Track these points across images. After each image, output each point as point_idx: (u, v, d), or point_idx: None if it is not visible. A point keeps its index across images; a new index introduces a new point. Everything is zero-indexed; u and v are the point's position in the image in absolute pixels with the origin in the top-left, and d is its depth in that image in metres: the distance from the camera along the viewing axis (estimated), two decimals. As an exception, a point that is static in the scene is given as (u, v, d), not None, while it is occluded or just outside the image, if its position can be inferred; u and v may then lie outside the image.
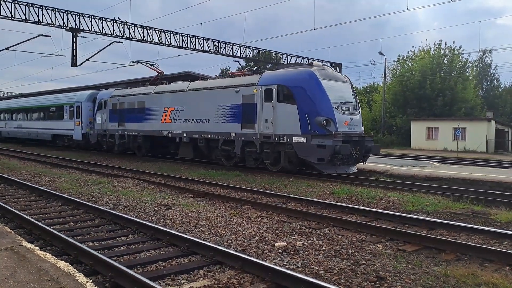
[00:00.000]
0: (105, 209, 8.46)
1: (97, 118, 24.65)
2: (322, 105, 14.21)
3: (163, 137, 19.91)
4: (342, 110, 14.57)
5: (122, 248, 6.21)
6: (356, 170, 14.91)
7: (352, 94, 15.84)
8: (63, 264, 4.64)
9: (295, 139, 14.38)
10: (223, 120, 16.84)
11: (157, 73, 23.06)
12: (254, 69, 17.74)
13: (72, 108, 27.13)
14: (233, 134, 16.38)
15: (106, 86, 30.78)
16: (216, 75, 23.76)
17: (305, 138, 14.11)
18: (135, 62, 23.34)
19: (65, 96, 29.83)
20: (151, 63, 23.21)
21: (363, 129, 15.79)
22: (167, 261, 5.60)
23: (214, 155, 17.88)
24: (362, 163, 15.26)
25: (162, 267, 5.39)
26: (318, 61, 30.57)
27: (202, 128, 17.70)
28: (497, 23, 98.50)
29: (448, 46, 47.56)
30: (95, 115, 24.86)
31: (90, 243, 6.34)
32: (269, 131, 15.10)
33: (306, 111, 14.23)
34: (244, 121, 16.02)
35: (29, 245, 5.38)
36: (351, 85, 16.26)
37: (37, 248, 5.36)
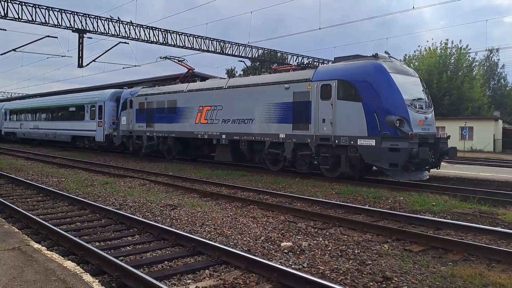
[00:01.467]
0: (111, 209, 8.50)
1: (121, 119, 23.08)
2: (394, 102, 12.54)
3: (197, 138, 18.47)
4: (416, 108, 12.88)
5: (128, 248, 6.23)
6: (428, 177, 13.15)
7: (423, 90, 14.12)
8: (69, 264, 4.67)
9: (360, 142, 12.68)
10: (270, 120, 15.24)
11: (187, 70, 21.74)
12: (305, 63, 16.82)
13: (94, 108, 25.63)
14: (282, 135, 14.78)
15: (129, 84, 29.72)
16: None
17: (374, 141, 12.39)
18: (163, 57, 21.94)
19: (86, 96, 28.24)
20: (180, 58, 21.86)
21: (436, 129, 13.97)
22: (173, 261, 5.62)
23: (258, 159, 16.40)
24: (436, 169, 13.40)
25: (168, 267, 5.40)
26: (323, 61, 30.08)
27: (244, 129, 16.09)
28: (505, 21, 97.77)
29: (455, 45, 47.33)
30: (120, 115, 23.30)
31: (97, 243, 6.37)
32: (327, 133, 13.45)
33: (374, 110, 12.53)
34: (296, 121, 14.39)
35: (36, 245, 5.42)
36: (421, 80, 14.58)
37: (44, 248, 5.39)
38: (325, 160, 13.75)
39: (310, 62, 17.15)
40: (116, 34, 25.88)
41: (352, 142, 12.92)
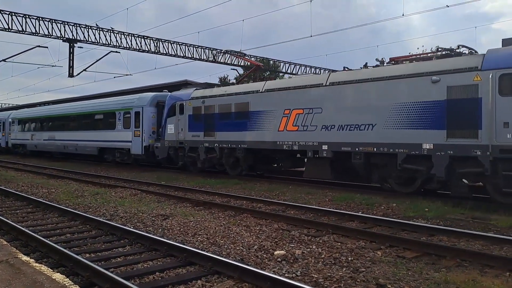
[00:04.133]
0: (102, 220, 8.41)
1: (167, 127, 19.26)
2: None
3: (280, 150, 14.91)
4: None
5: (119, 259, 6.15)
6: None
7: None
8: (58, 276, 4.58)
9: None
10: (405, 126, 11.57)
11: (255, 66, 18.76)
12: (457, 48, 12.02)
13: (129, 115, 21.73)
14: (428, 146, 11.11)
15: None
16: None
17: None
18: (221, 52, 19.41)
19: (117, 101, 23.92)
20: (240, 53, 19.26)
21: None
22: (165, 271, 5.54)
23: (379, 177, 12.63)
24: None
25: (160, 278, 5.33)
26: (315, 68, 29.88)
27: (360, 137, 12.35)
28: (493, 27, 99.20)
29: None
30: (165, 123, 19.42)
31: (87, 255, 6.27)
32: None
33: None
34: (453, 126, 10.74)
35: (24, 258, 5.32)
36: None
37: (33, 260, 5.30)
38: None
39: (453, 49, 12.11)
40: (107, 43, 25.84)
41: None
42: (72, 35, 24.57)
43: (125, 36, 26.53)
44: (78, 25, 24.80)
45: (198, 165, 18.16)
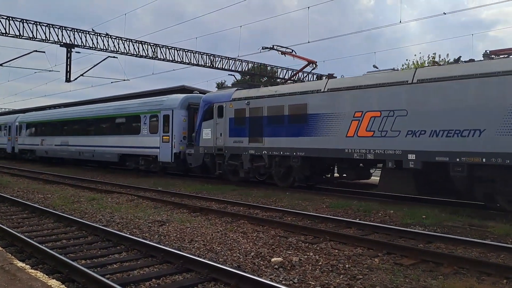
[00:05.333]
0: (98, 226, 8.35)
1: (203, 132, 17.29)
2: None
3: (347, 159, 12.99)
4: None
5: (115, 265, 6.10)
6: None
7: None
8: (54, 283, 4.55)
9: None
10: None
11: (307, 63, 16.66)
12: None
13: (156, 119, 19.71)
14: None
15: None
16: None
17: None
18: (266, 48, 17.00)
19: (142, 103, 21.73)
20: (288, 48, 17.09)
21: None
22: (161, 278, 5.51)
23: (486, 193, 10.39)
24: None
25: (156, 285, 5.29)
26: (313, 75, 29.78)
27: (461, 145, 10.20)
28: (489, 35, 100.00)
29: (442, 59, 48.10)
30: (200, 127, 17.45)
31: (83, 261, 6.22)
32: None
33: None
34: None
35: (20, 264, 5.28)
36: None
37: (28, 266, 5.27)
38: None
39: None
40: (104, 48, 25.84)
41: None
42: (70, 40, 24.57)
43: (123, 41, 26.55)
44: (75, 30, 24.81)
45: (240, 175, 16.09)
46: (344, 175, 14.49)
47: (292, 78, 16.36)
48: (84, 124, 25.60)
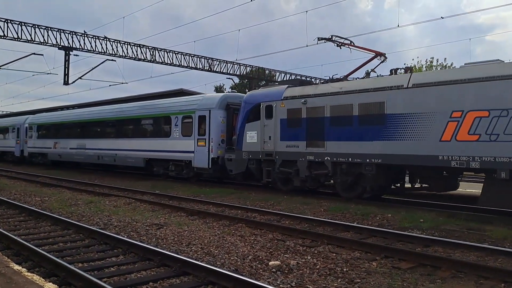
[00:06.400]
0: (95, 229, 8.33)
1: (247, 134, 15.47)
2: None
3: (440, 167, 11.15)
4: None
5: (112, 269, 6.08)
6: None
7: None
8: (51, 286, 4.54)
9: None
10: None
11: (374, 55, 14.39)
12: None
13: (190, 120, 17.91)
14: None
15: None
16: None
17: None
18: (322, 39, 15.04)
19: (173, 103, 19.76)
20: (346, 39, 15.05)
21: None
22: (158, 282, 5.49)
23: None
24: None
25: (153, 288, 5.26)
26: (311, 78, 29.68)
27: None
28: (486, 39, 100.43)
29: (440, 63, 48.25)
30: (243, 129, 15.65)
31: (80, 264, 6.20)
32: None
33: None
34: None
35: (16, 267, 5.26)
36: None
37: (25, 269, 5.24)
38: None
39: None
40: (103, 51, 25.88)
41: None
42: (68, 43, 24.62)
43: (121, 44, 26.61)
44: (74, 33, 24.84)
45: (295, 184, 14.15)
46: (424, 185, 12.55)
47: (351, 74, 14.32)
48: (104, 125, 23.63)
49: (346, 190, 13.03)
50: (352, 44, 14.75)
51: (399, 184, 13.25)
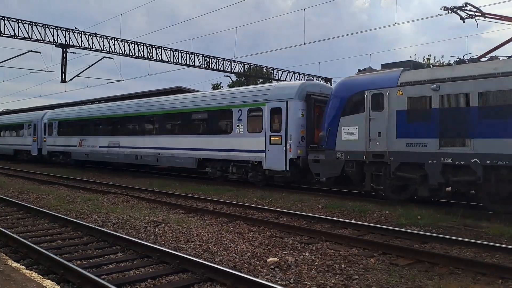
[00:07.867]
0: (93, 226, 8.33)
1: (342, 130, 12.76)
2: None
3: None
4: None
5: (110, 266, 6.08)
6: None
7: None
8: (49, 283, 4.53)
9: None
10: None
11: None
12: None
13: (260, 113, 15.41)
14: None
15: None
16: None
17: None
18: (448, 9, 12.02)
19: (235, 93, 17.08)
20: (478, 10, 12.07)
21: None
22: (157, 279, 5.49)
23: None
24: None
25: (152, 285, 5.28)
26: (310, 75, 29.63)
27: None
28: (482, 37, 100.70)
29: (437, 60, 48.33)
30: (336, 124, 12.91)
31: (78, 261, 6.20)
32: None
33: None
34: None
35: (14, 264, 5.26)
36: None
37: (23, 267, 5.24)
38: None
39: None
40: (100, 49, 25.77)
41: None
42: (65, 40, 24.47)
43: (118, 42, 26.49)
44: (71, 31, 24.72)
45: (420, 193, 11.37)
46: None
47: (489, 53, 11.41)
48: (143, 121, 20.81)
49: (503, 203, 10.07)
50: (483, 14, 12.06)
51: None
